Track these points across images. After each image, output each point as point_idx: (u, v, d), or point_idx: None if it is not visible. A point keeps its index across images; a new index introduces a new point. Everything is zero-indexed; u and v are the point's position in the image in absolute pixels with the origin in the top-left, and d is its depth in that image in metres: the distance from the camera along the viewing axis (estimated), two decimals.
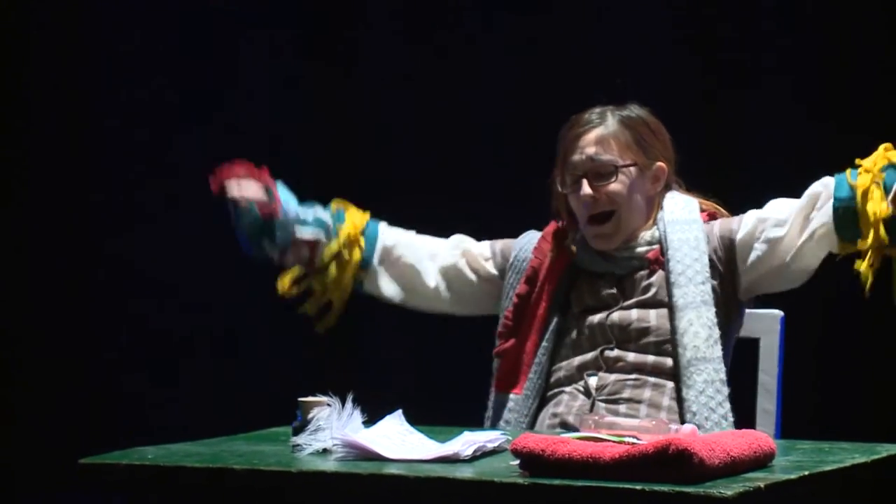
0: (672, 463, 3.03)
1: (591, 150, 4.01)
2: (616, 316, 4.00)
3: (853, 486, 3.35)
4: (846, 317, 6.95)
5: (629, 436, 3.22)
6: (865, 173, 3.87)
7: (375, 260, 4.30)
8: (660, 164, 4.07)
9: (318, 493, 3.27)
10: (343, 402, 3.52)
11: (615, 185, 4.00)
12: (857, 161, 3.95)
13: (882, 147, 3.93)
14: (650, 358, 3.95)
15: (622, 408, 3.89)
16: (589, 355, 3.99)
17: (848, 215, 3.85)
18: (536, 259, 4.14)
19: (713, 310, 3.92)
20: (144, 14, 8.10)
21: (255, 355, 7.68)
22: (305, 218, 4.22)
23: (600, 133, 4.03)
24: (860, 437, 3.61)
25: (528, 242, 4.20)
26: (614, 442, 3.16)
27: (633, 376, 3.91)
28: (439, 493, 3.17)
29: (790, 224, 3.94)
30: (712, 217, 4.10)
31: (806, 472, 3.18)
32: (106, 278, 7.94)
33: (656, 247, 4.03)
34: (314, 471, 3.29)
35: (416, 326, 5.62)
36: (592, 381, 3.97)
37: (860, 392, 6.97)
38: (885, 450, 3.43)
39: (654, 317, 3.97)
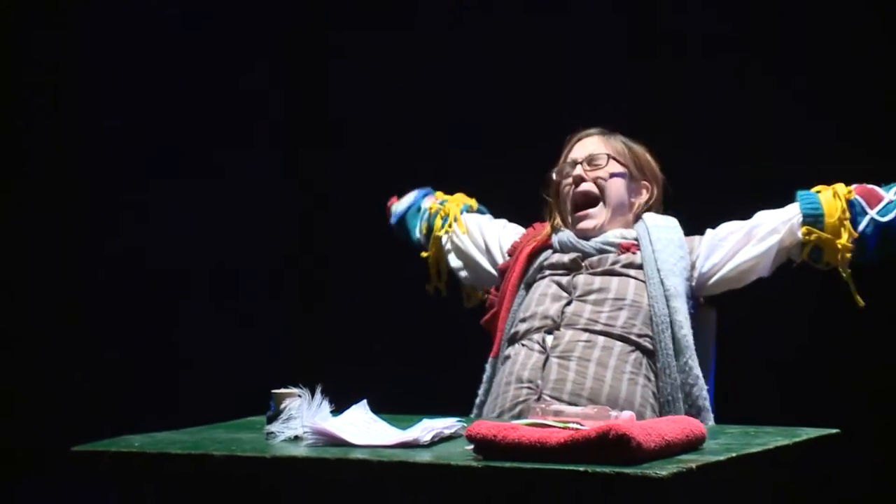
0: (612, 446, 3.05)
1: (591, 147, 4.26)
2: (580, 279, 4.09)
3: (776, 465, 3.37)
4: (773, 315, 7.01)
5: (573, 422, 3.23)
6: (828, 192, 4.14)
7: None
8: (646, 182, 4.25)
9: (291, 476, 3.27)
10: (312, 394, 3.53)
11: (604, 172, 4.20)
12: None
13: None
14: (603, 316, 3.99)
15: (573, 364, 3.92)
16: (551, 309, 4.05)
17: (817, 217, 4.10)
18: (519, 240, 4.32)
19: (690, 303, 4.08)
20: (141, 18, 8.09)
21: (231, 347, 7.70)
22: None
23: (603, 139, 4.27)
24: (783, 422, 3.64)
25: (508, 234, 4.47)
26: (560, 428, 3.17)
27: (584, 337, 3.95)
28: (401, 476, 3.17)
29: (758, 239, 4.15)
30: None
31: (734, 454, 3.20)
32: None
33: (631, 241, 4.14)
34: (287, 456, 3.29)
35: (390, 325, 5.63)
36: (549, 340, 4.02)
37: (784, 383, 7.02)
38: (805, 433, 3.46)
39: (616, 283, 4.05)
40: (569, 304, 4.04)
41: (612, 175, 4.22)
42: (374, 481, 3.21)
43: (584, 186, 4.21)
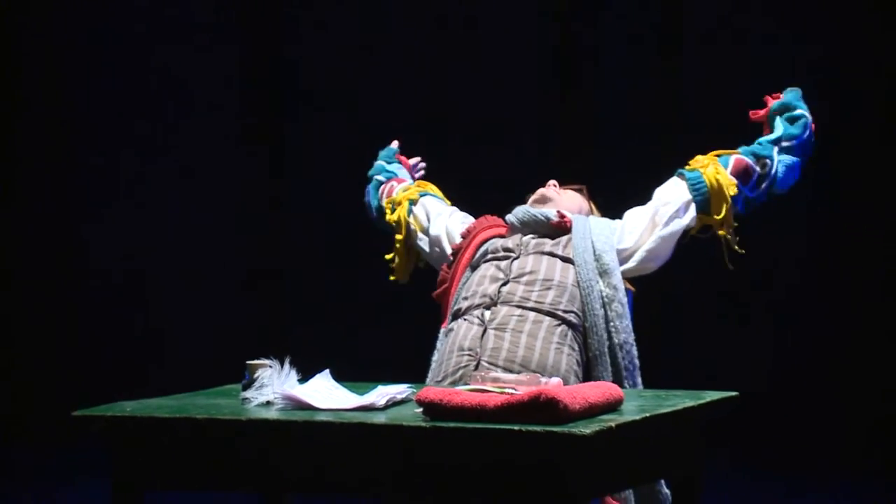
0: (542, 408, 3.08)
1: (555, 185, 4.42)
2: (516, 263, 4.11)
3: (684, 423, 3.41)
4: (683, 293, 7.07)
5: (508, 387, 3.26)
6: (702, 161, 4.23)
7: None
8: (587, 207, 4.43)
9: (264, 436, 3.29)
10: (282, 364, 3.54)
11: (570, 190, 4.41)
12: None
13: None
14: (533, 295, 4.02)
15: (507, 335, 3.95)
16: (490, 289, 4.09)
17: (702, 189, 4.16)
18: (474, 225, 4.35)
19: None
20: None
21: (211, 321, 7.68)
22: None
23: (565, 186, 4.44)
24: (690, 386, 3.67)
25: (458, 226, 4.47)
26: (497, 392, 3.20)
27: (517, 312, 3.98)
28: (359, 435, 3.20)
29: (641, 231, 4.20)
30: None
31: (647, 414, 3.24)
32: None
33: (568, 218, 4.22)
34: (260, 419, 3.30)
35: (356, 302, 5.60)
36: (486, 314, 4.03)
37: (689, 350, 7.08)
38: (709, 396, 3.50)
39: (545, 265, 4.08)
40: (505, 283, 4.06)
41: (574, 192, 4.40)
42: (336, 440, 3.22)
43: (547, 191, 4.35)
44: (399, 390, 3.47)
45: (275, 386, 3.47)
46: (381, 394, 3.42)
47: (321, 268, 7.35)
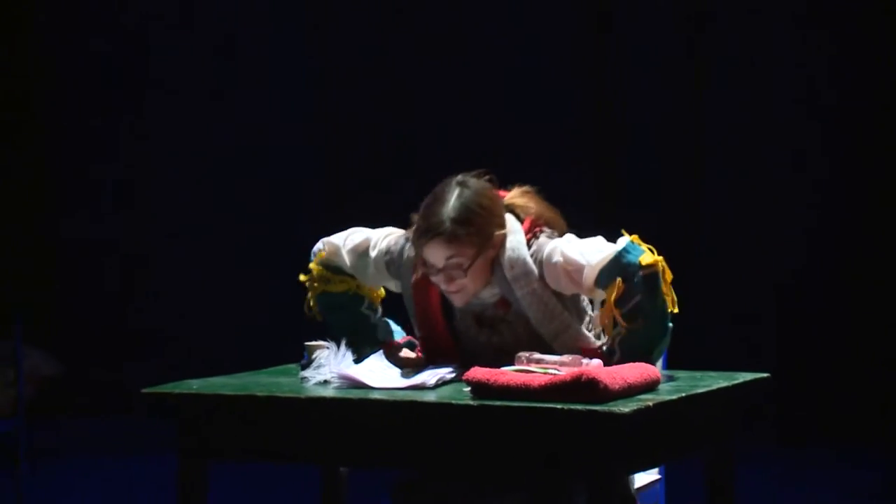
0: (584, 388, 3.11)
1: (440, 261, 3.55)
2: (495, 340, 3.64)
3: (718, 403, 3.42)
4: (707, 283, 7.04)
5: (552, 368, 3.29)
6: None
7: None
8: (498, 234, 3.60)
9: (321, 413, 3.33)
10: (338, 345, 3.57)
11: (464, 280, 3.56)
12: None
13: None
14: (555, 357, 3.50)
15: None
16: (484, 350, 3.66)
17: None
18: (419, 306, 3.71)
19: (576, 324, 3.60)
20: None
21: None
22: None
23: (446, 243, 3.54)
24: (723, 367, 3.66)
25: (405, 266, 3.74)
26: (541, 373, 3.24)
27: (527, 353, 3.44)
28: (411, 412, 3.24)
29: (583, 281, 3.53)
30: (537, 231, 3.66)
31: (683, 394, 3.25)
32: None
33: (499, 296, 3.63)
34: (318, 397, 3.34)
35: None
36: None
37: (723, 335, 7.07)
38: (742, 377, 3.49)
39: (524, 337, 3.60)
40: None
41: (470, 273, 3.57)
42: (390, 417, 3.26)
43: (450, 287, 3.60)
44: (449, 370, 3.48)
45: (331, 366, 3.50)
46: (432, 373, 3.44)
47: None
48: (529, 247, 3.62)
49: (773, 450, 6.78)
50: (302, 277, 3.86)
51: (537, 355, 3.39)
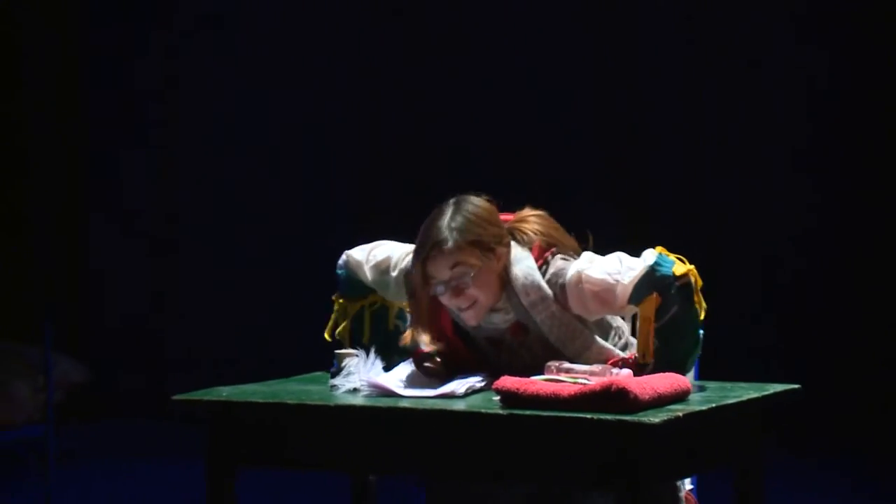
0: (614, 398, 3.09)
1: (445, 274, 3.50)
2: (515, 362, 3.56)
3: (748, 413, 3.39)
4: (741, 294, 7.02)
5: (582, 377, 3.27)
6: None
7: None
8: (500, 248, 3.55)
9: (351, 421, 3.32)
10: (368, 353, 3.56)
11: (472, 291, 3.50)
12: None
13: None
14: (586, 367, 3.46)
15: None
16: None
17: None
18: (434, 330, 3.63)
19: (598, 340, 3.55)
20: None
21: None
22: None
23: (448, 254, 3.49)
24: (754, 378, 3.63)
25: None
26: (570, 382, 3.21)
27: (556, 362, 3.43)
28: (441, 421, 3.23)
29: (616, 301, 3.49)
30: (548, 254, 3.59)
31: (713, 405, 3.23)
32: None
33: (513, 321, 3.58)
34: (347, 404, 3.33)
35: None
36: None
37: (756, 346, 7.04)
38: (772, 388, 3.46)
39: (542, 357, 3.52)
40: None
41: (476, 286, 3.51)
42: (419, 426, 3.25)
43: (458, 305, 3.55)
44: (478, 379, 3.47)
45: (361, 374, 3.49)
46: (461, 382, 3.42)
47: None
48: (543, 272, 3.57)
49: (800, 460, 6.75)
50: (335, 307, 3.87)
51: (567, 364, 3.38)
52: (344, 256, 3.85)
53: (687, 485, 3.76)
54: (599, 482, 3.11)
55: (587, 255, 3.59)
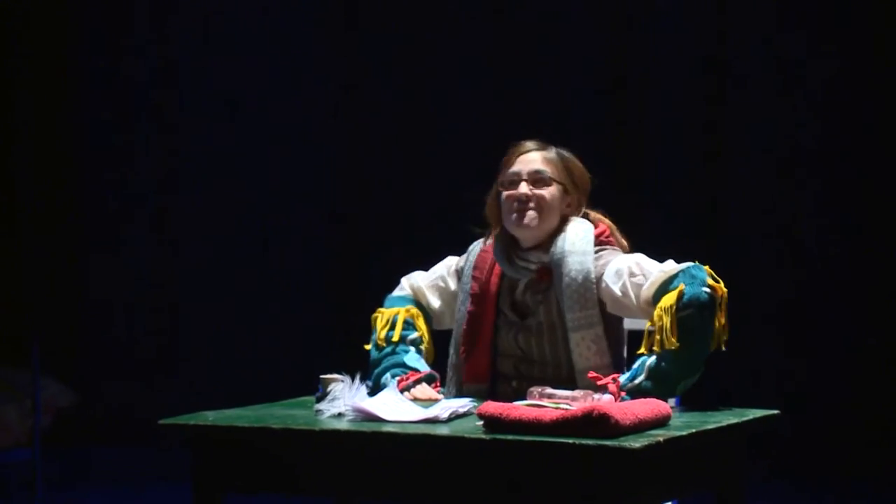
0: (595, 423, 3.10)
1: (535, 165, 3.82)
2: (521, 339, 3.79)
3: (727, 439, 3.40)
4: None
5: (563, 403, 3.28)
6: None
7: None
8: (576, 195, 3.85)
9: (335, 446, 3.32)
10: (353, 378, 3.56)
11: (546, 192, 3.79)
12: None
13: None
14: (549, 371, 3.74)
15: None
16: (508, 366, 3.81)
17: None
18: (476, 281, 3.87)
19: (600, 327, 3.70)
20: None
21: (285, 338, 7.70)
22: None
23: (543, 155, 3.85)
24: (734, 404, 3.63)
25: (473, 256, 3.93)
26: (552, 408, 3.23)
27: (539, 388, 3.51)
28: (424, 446, 3.22)
29: (645, 289, 3.64)
30: (607, 242, 3.83)
31: (693, 430, 3.24)
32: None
33: (545, 263, 3.77)
34: (332, 429, 3.33)
35: None
36: (514, 384, 3.78)
37: (734, 372, 7.02)
38: (752, 414, 3.48)
39: (547, 348, 3.75)
40: (518, 370, 3.80)
41: (551, 193, 3.81)
42: (402, 450, 3.25)
43: (527, 204, 3.79)
44: (461, 404, 3.48)
45: (346, 399, 3.50)
46: (445, 407, 3.43)
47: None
48: (597, 248, 3.78)
49: (779, 484, 6.75)
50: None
51: (549, 390, 3.39)
52: (406, 283, 4.03)
53: None
54: None
55: (638, 254, 3.80)
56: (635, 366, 3.59)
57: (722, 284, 3.57)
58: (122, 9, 8.03)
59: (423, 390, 3.74)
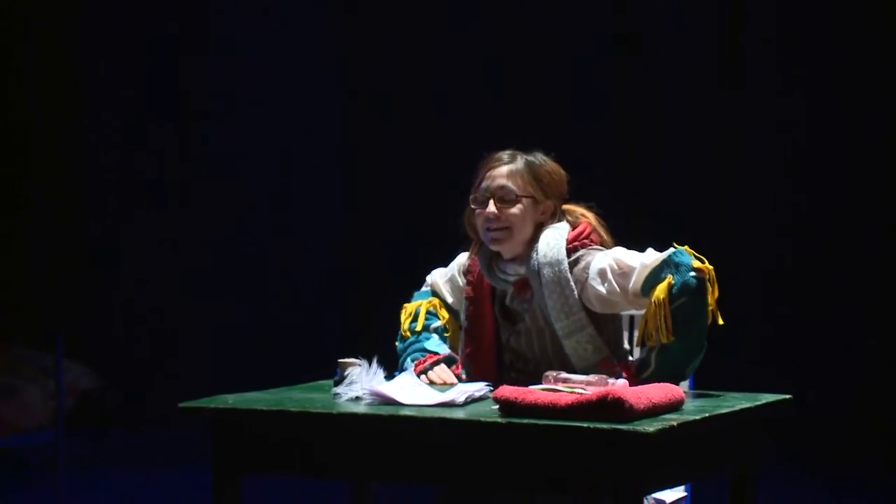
0: (610, 408, 3.10)
1: (501, 181, 3.74)
2: (513, 341, 3.76)
3: (741, 423, 3.40)
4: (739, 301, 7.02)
5: (578, 387, 3.28)
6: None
7: None
8: (550, 202, 3.77)
9: (353, 429, 3.32)
10: (370, 362, 3.57)
11: (514, 210, 3.73)
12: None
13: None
14: (546, 369, 3.58)
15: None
16: (509, 359, 3.79)
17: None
18: (469, 285, 3.86)
19: (591, 327, 3.65)
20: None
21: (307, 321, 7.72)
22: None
23: (510, 168, 3.76)
24: (746, 388, 3.65)
25: (462, 265, 3.94)
26: (567, 392, 3.22)
27: (554, 372, 3.48)
28: (440, 429, 3.23)
29: (632, 284, 3.60)
30: (584, 243, 3.74)
31: (707, 414, 3.24)
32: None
33: (524, 278, 3.73)
34: (350, 412, 3.34)
35: None
36: (513, 375, 3.72)
37: (747, 355, 7.03)
38: (764, 398, 3.47)
39: (540, 350, 3.71)
40: (513, 370, 3.77)
41: (519, 208, 3.74)
42: (419, 433, 3.26)
43: (495, 223, 3.74)
44: (477, 388, 3.48)
45: (363, 382, 3.50)
46: (461, 391, 3.43)
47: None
48: (573, 252, 3.70)
49: (790, 469, 6.75)
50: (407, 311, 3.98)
51: (564, 374, 3.39)
52: (429, 279, 4.03)
53: (681, 492, 3.78)
54: (595, 490, 3.10)
55: (618, 248, 3.74)
56: (642, 356, 3.58)
57: (706, 262, 3.53)
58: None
59: (442, 372, 3.75)
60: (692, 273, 3.51)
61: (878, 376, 6.85)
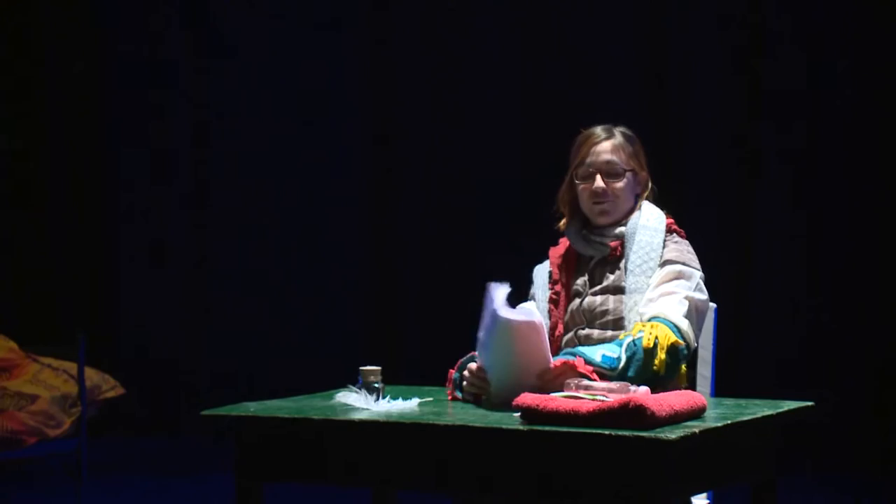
0: (631, 415, 3.08)
1: (606, 156, 3.90)
2: (585, 301, 3.88)
3: (763, 430, 3.38)
4: (763, 311, 6.99)
5: (600, 395, 3.26)
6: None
7: None
8: (644, 173, 3.96)
9: (375, 436, 3.31)
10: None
11: (619, 184, 3.90)
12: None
13: None
14: (608, 333, 3.82)
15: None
16: (569, 334, 3.90)
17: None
18: (553, 264, 3.98)
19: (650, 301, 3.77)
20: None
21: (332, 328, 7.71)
22: None
23: (613, 143, 3.92)
24: (769, 395, 3.64)
25: (545, 266, 4.04)
26: (589, 399, 3.21)
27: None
28: (462, 437, 3.21)
29: (652, 304, 3.76)
30: (677, 231, 3.95)
31: (729, 421, 3.21)
32: None
33: (619, 240, 3.89)
34: (371, 420, 3.32)
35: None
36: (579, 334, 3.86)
37: (769, 364, 7.00)
38: (786, 405, 3.45)
39: (612, 301, 3.85)
40: (581, 328, 3.89)
41: (625, 182, 3.91)
42: (439, 441, 3.23)
43: (603, 196, 3.90)
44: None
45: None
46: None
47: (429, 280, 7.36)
48: (667, 233, 3.90)
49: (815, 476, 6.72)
50: None
51: (586, 382, 3.36)
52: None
53: (703, 499, 3.75)
54: (617, 498, 3.08)
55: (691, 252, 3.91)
56: (627, 353, 3.63)
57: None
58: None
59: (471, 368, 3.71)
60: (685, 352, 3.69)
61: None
